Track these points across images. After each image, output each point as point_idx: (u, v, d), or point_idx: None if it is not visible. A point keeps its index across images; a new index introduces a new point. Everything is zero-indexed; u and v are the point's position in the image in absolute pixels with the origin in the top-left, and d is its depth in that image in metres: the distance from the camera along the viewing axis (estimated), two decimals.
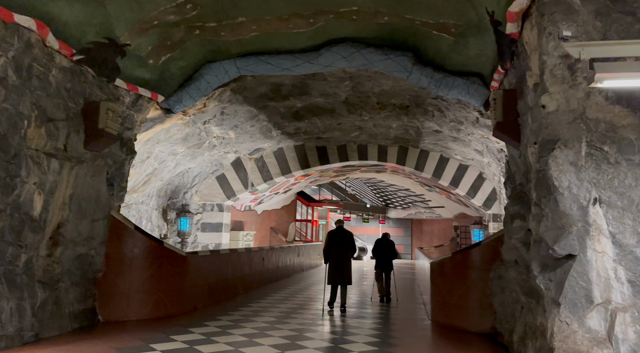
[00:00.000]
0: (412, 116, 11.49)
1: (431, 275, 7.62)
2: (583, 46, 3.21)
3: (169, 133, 11.12)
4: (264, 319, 7.28)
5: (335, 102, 11.31)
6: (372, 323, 7.22)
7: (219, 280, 9.18)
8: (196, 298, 8.22)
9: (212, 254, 9.01)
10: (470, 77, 7.42)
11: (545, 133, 4.24)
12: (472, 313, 6.71)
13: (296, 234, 21.63)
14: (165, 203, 15.01)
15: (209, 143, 13.06)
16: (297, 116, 12.18)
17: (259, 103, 10.92)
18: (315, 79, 9.76)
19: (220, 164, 15.56)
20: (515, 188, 5.76)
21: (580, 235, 4.04)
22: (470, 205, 19.80)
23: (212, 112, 10.88)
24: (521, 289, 5.07)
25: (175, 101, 8.22)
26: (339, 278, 8.51)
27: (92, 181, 6.64)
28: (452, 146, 14.09)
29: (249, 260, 10.84)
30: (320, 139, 14.91)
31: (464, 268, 6.89)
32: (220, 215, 16.02)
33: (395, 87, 9.92)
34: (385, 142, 15.29)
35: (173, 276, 7.63)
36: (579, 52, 3.22)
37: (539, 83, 4.44)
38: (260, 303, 9.01)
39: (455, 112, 9.73)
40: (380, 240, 10.83)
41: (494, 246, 6.56)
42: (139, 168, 11.50)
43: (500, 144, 10.76)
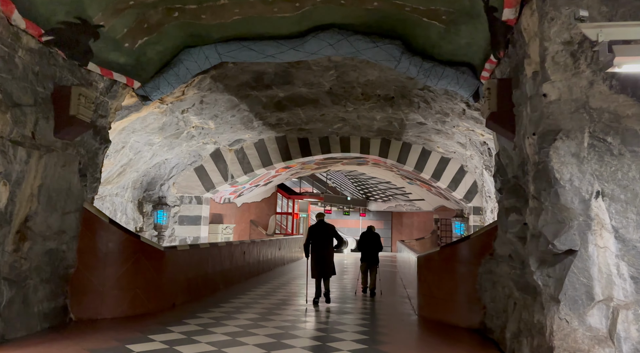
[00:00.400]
0: (396, 108, 11.30)
1: (418, 269, 7.46)
2: (601, 27, 3.01)
3: (145, 122, 10.67)
4: (247, 316, 7.01)
5: (319, 93, 11.03)
6: (358, 319, 7.02)
7: (199, 275, 8.86)
8: (175, 294, 7.89)
9: (192, 248, 8.68)
10: (460, 67, 7.23)
11: (546, 123, 4.06)
12: (461, 309, 6.57)
13: (276, 227, 21.33)
14: (141, 195, 14.54)
15: (188, 133, 12.64)
16: (279, 106, 11.86)
17: (240, 92, 10.56)
18: (300, 67, 9.45)
19: (198, 155, 15.13)
20: (508, 180, 5.60)
21: (582, 229, 3.89)
22: (450, 198, 19.83)
23: (191, 100, 10.47)
24: (515, 285, 4.92)
25: (152, 87, 7.81)
26: (322, 271, 8.54)
27: (62, 171, 6.22)
28: (435, 138, 13.98)
29: (229, 254, 10.52)
30: (302, 130, 14.62)
31: (452, 262, 6.74)
32: (198, 208, 15.61)
33: (381, 77, 9.69)
34: (368, 134, 15.10)
35: (150, 272, 7.29)
36: (596, 34, 3.03)
37: (539, 71, 4.25)
38: (242, 298, 8.72)
39: (442, 103, 9.57)
40: (366, 232, 10.67)
41: (483, 240, 6.41)
42: (113, 158, 11.03)
43: (485, 136, 10.67)
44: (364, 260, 10.33)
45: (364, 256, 10.36)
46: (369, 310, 7.85)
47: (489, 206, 13.74)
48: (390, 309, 8.11)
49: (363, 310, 7.87)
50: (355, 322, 6.76)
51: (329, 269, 8.58)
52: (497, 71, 6.28)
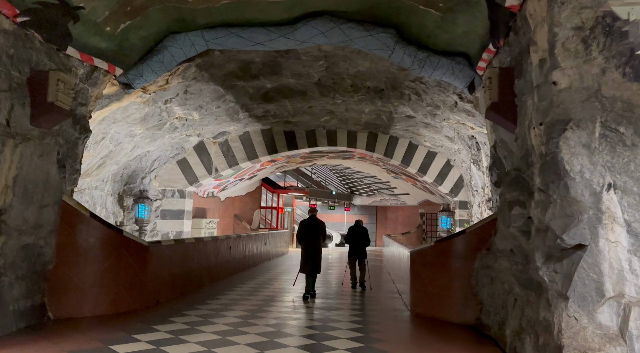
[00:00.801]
0: (386, 100, 11.11)
1: (411, 264, 7.29)
2: (633, 5, 2.83)
3: (127, 112, 10.26)
4: (236, 314, 6.75)
5: (308, 84, 10.76)
6: (350, 316, 6.83)
7: (184, 271, 8.55)
8: (159, 291, 7.59)
9: (177, 243, 8.36)
10: (456, 58, 7.05)
11: (556, 113, 3.89)
12: (456, 304, 6.43)
13: (261, 221, 21.03)
14: (122, 189, 14.10)
15: (171, 125, 12.25)
16: (266, 98, 11.56)
17: (226, 82, 10.23)
18: (289, 57, 9.17)
19: (181, 147, 14.73)
20: (508, 173, 5.45)
21: (592, 223, 3.74)
22: (436, 193, 19.80)
23: (175, 90, 10.11)
24: (517, 280, 4.78)
25: (135, 75, 7.45)
26: (313, 266, 8.54)
27: (40, 161, 5.86)
28: (423, 132, 13.85)
29: (215, 249, 10.22)
30: (289, 123, 14.34)
31: (447, 257, 6.59)
32: (181, 202, 15.23)
33: (372, 68, 9.47)
34: (356, 127, 14.90)
35: (134, 268, 6.96)
36: (627, 12, 2.85)
37: (547, 59, 4.08)
38: (229, 295, 8.45)
39: (433, 95, 9.40)
40: (354, 227, 10.63)
41: (479, 234, 6.28)
42: (92, 149, 10.60)
43: (475, 130, 10.55)
44: (352, 254, 10.33)
45: (352, 251, 10.35)
46: (360, 306, 7.66)
47: (476, 200, 13.70)
48: (381, 305, 7.94)
49: (354, 306, 7.68)
50: (348, 319, 6.57)
51: (316, 266, 8.57)
52: (494, 61, 6.12)
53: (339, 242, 24.04)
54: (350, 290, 10.04)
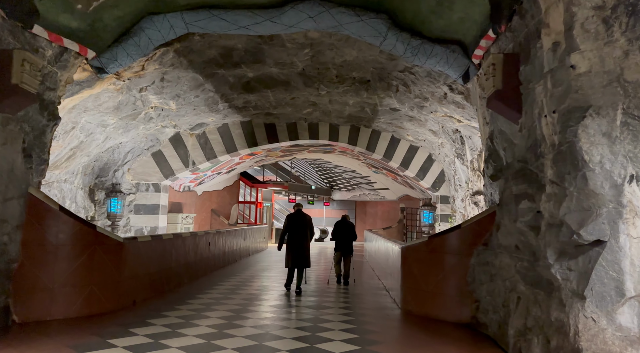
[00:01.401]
0: (372, 92, 10.80)
1: (403, 260, 7.01)
2: None
3: (99, 100, 9.66)
4: (219, 314, 6.34)
5: (291, 74, 10.36)
6: (340, 315, 6.50)
7: (162, 269, 8.07)
8: (136, 290, 7.11)
9: (154, 239, 7.88)
10: (450, 45, 6.77)
11: (574, 99, 3.63)
12: (451, 302, 6.18)
13: (239, 216, 20.52)
14: (93, 182, 13.44)
15: (145, 115, 11.66)
16: (247, 88, 11.10)
17: (206, 70, 9.73)
18: (273, 44, 8.75)
19: (156, 139, 14.12)
20: (510, 165, 5.20)
21: (612, 217, 3.50)
22: (416, 187, 19.68)
23: (151, 77, 9.56)
24: (522, 278, 4.53)
25: (109, 58, 6.92)
26: (298, 261, 8.50)
27: (3, 150, 5.31)
28: (407, 125, 13.63)
29: (194, 245, 9.75)
30: (269, 115, 13.91)
31: (441, 253, 6.33)
32: (156, 196, 14.63)
33: (359, 58, 9.14)
34: (338, 120, 14.58)
35: (108, 266, 6.47)
36: None
37: (561, 41, 3.81)
38: (210, 294, 8.02)
39: (422, 87, 9.13)
40: (340, 222, 10.65)
41: (475, 229, 6.03)
42: (62, 140, 9.97)
43: (463, 123, 10.35)
44: (338, 249, 10.25)
45: (338, 246, 10.27)
46: (350, 305, 7.35)
47: (459, 194, 13.56)
48: (370, 302, 7.65)
49: (343, 305, 7.36)
50: (338, 319, 6.24)
51: (304, 260, 8.53)
52: (493, 48, 5.85)
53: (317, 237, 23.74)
54: (336, 285, 9.82)
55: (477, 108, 7.95)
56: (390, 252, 8.50)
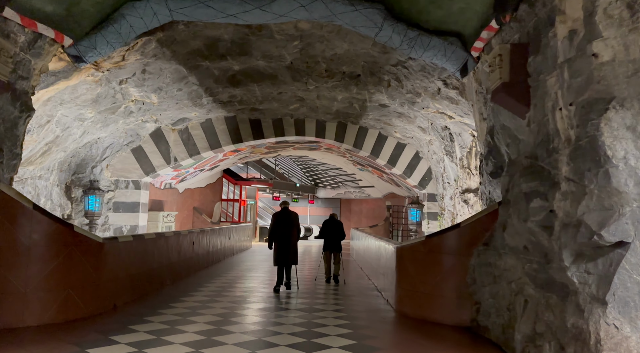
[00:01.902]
0: (362, 87, 10.51)
1: (398, 261, 6.75)
2: None
3: (76, 92, 9.17)
4: (206, 319, 5.97)
5: (279, 68, 10.01)
6: (335, 319, 6.21)
7: (144, 270, 7.66)
8: (116, 293, 6.69)
9: (135, 239, 7.45)
10: (449, 37, 6.52)
11: (596, 90, 3.39)
12: (449, 305, 5.94)
13: (222, 214, 20.05)
14: (69, 179, 12.89)
15: (125, 108, 11.17)
16: (233, 81, 10.70)
17: (190, 61, 9.31)
18: (261, 35, 8.39)
19: (137, 134, 13.62)
20: (514, 162, 4.97)
21: (636, 217, 3.27)
22: (402, 185, 19.52)
23: (132, 68, 9.10)
24: (532, 280, 4.29)
25: (87, 46, 6.48)
26: (285, 259, 8.49)
27: None
28: (396, 122, 13.40)
29: (177, 245, 9.34)
30: (255, 110, 13.52)
31: (439, 253, 6.08)
32: (136, 193, 14.13)
33: (350, 51, 8.83)
34: (325, 117, 14.27)
35: (86, 268, 6.05)
36: None
37: (580, 29, 3.57)
38: (195, 296, 7.63)
39: (416, 81, 8.88)
40: (329, 220, 10.40)
41: (475, 228, 5.80)
42: (36, 134, 9.45)
43: (455, 119, 10.15)
44: (327, 248, 10.09)
45: (327, 244, 10.08)
46: (343, 307, 7.05)
47: (448, 192, 13.41)
48: (363, 304, 7.37)
49: (336, 307, 7.06)
50: (333, 323, 5.94)
51: (291, 257, 8.53)
52: (494, 40, 5.62)
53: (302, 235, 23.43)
54: (325, 285, 9.57)
55: (472, 104, 7.74)
56: (383, 252, 8.24)
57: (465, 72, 6.69)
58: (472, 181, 11.51)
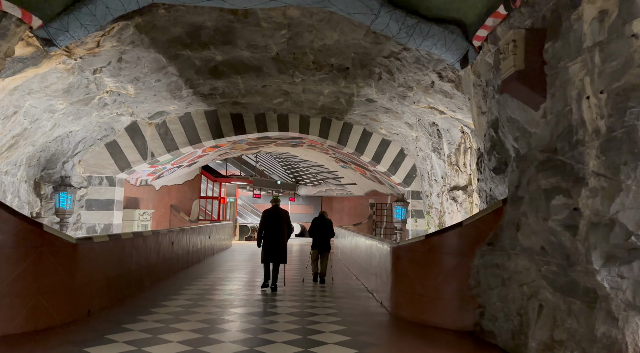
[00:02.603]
0: (351, 80, 10.13)
1: (394, 261, 6.41)
2: None
3: (46, 81, 8.53)
4: (190, 326, 5.50)
5: (264, 59, 9.54)
6: (330, 323, 5.82)
7: (121, 272, 7.12)
8: (91, 298, 6.16)
9: (112, 239, 6.90)
10: (449, 26, 6.19)
11: (635, 75, 3.07)
12: (451, 308, 5.63)
13: (200, 212, 19.43)
14: (39, 174, 12.15)
15: (100, 100, 10.53)
16: (215, 73, 10.18)
17: (170, 50, 8.76)
18: (247, 23, 7.91)
19: (111, 128, 12.95)
20: (526, 156, 4.66)
21: None
22: (385, 182, 19.27)
23: (107, 56, 8.50)
24: (550, 284, 3.99)
25: (58, 28, 5.92)
26: (274, 256, 8.37)
27: None
28: (382, 118, 13.08)
29: (156, 245, 8.80)
30: (236, 104, 13.01)
31: (439, 253, 5.76)
32: (110, 190, 13.45)
33: (341, 41, 8.43)
34: (310, 112, 13.86)
35: (58, 272, 5.51)
36: None
37: (615, 8, 3.25)
38: (176, 300, 7.13)
39: (409, 74, 8.54)
40: (318, 218, 10.19)
41: (478, 227, 5.49)
42: (2, 126, 8.78)
43: (447, 114, 9.86)
44: (316, 246, 9.86)
45: (315, 243, 9.89)
46: (337, 311, 6.64)
47: (435, 190, 13.17)
48: (358, 307, 6.99)
49: (329, 311, 6.67)
50: (329, 328, 5.55)
51: (280, 255, 8.41)
52: (500, 28, 5.31)
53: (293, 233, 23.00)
54: (313, 284, 9.29)
55: (469, 97, 7.45)
56: (376, 251, 7.89)
57: (466, 62, 6.38)
58: (460, 178, 11.28)
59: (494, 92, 5.87)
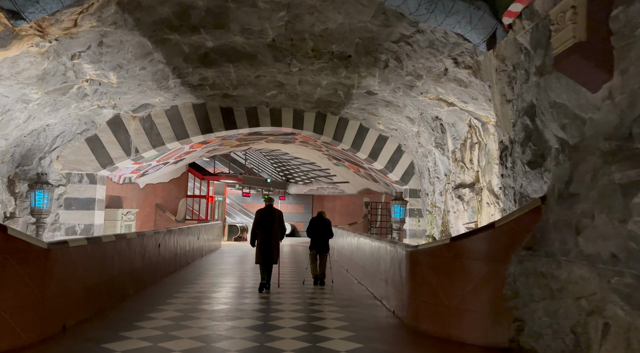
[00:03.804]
0: (352, 69, 9.40)
1: (412, 267, 5.70)
2: None
3: (17, 67, 7.67)
4: (184, 345, 4.71)
5: (259, 45, 8.77)
6: (345, 342, 5.08)
7: (102, 280, 6.29)
8: (67, 311, 5.33)
9: (91, 243, 6.05)
10: (475, 1, 5.50)
11: None
12: (481, 321, 4.94)
13: (187, 212, 18.54)
14: (13, 171, 11.22)
15: (79, 90, 9.66)
16: (205, 61, 9.37)
17: (156, 33, 7.95)
18: (242, 2, 7.15)
19: (92, 122, 12.06)
20: (579, 146, 3.98)
21: None
22: (380, 180, 18.62)
23: (87, 39, 7.66)
24: (623, 299, 3.31)
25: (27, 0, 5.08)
26: (268, 257, 8.24)
27: None
28: (382, 112, 12.40)
29: (141, 248, 7.96)
30: (227, 97, 12.21)
31: (468, 259, 5.07)
32: (91, 188, 12.56)
33: (345, 25, 7.69)
34: (305, 106, 13.12)
35: (25, 282, 4.69)
36: None
37: None
38: (164, 311, 6.32)
39: (420, 61, 7.83)
40: (316, 218, 9.75)
41: (514, 229, 4.82)
42: None
43: (455, 107, 9.19)
44: (314, 247, 9.49)
45: (313, 244, 9.53)
46: (347, 323, 5.90)
47: (437, 188, 12.52)
48: (369, 319, 6.24)
49: (338, 323, 5.93)
50: (344, 347, 4.81)
51: (274, 256, 8.29)
52: (538, 2, 4.64)
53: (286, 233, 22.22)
54: (313, 288, 8.73)
55: (490, 85, 6.79)
56: (385, 255, 7.18)
57: (493, 43, 5.70)
58: (466, 175, 10.64)
59: (527, 76, 5.20)
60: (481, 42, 5.75)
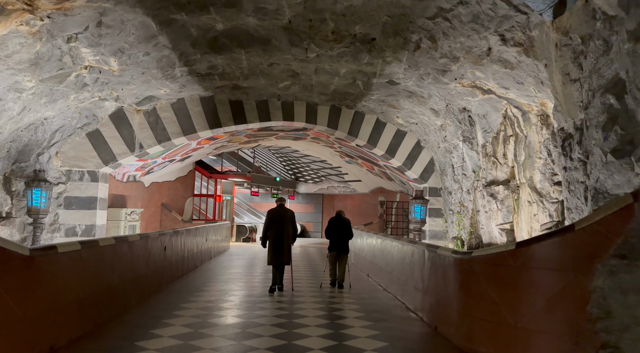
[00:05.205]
0: (376, 54, 8.50)
1: (464, 277, 4.82)
2: None
3: (6, 49, 6.86)
4: None
5: (274, 28, 7.91)
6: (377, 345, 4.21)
7: (99, 290, 5.44)
8: (55, 329, 4.49)
9: (86, 247, 5.19)
10: None
11: None
12: (557, 345, 4.03)
13: (194, 212, 17.72)
14: (9, 168, 10.47)
15: (77, 78, 8.84)
16: (214, 46, 8.52)
17: (161, 12, 7.10)
18: None
19: (93, 116, 11.26)
20: None
21: None
22: (395, 178, 17.72)
23: (83, 17, 6.83)
24: None
25: None
26: (280, 258, 8.19)
27: None
28: (403, 104, 11.51)
29: (145, 251, 7.11)
30: (237, 89, 11.38)
31: (540, 269, 4.18)
32: (93, 186, 11.77)
33: (372, 2, 6.81)
34: (319, 98, 12.26)
35: (2, 298, 3.84)
36: None
37: None
38: (171, 325, 5.45)
39: (458, 39, 6.90)
40: (335, 218, 9.39)
41: (598, 232, 3.90)
42: None
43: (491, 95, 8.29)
44: (334, 248, 9.11)
45: (332, 245, 9.15)
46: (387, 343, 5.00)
47: (464, 185, 11.61)
48: (409, 337, 5.37)
49: (375, 343, 5.05)
50: None
51: (285, 257, 8.20)
52: None
53: None
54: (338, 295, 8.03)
55: (547, 63, 5.88)
56: (421, 260, 6.28)
57: (562, 9, 4.81)
58: (499, 171, 9.74)
59: (605, 47, 4.31)
60: (547, 8, 4.86)
